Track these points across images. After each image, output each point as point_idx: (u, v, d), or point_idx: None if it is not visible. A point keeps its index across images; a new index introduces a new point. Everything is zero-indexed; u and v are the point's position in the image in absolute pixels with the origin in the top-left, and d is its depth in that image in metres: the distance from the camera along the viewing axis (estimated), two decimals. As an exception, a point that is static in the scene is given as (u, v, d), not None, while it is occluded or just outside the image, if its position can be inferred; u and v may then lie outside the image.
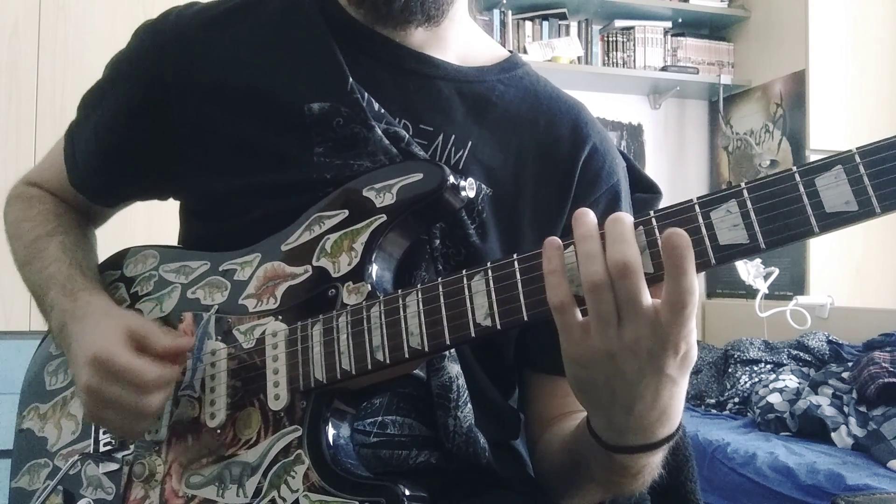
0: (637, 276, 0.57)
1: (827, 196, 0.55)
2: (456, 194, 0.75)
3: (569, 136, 0.89)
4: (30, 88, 2.52)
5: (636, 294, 0.57)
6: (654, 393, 0.62)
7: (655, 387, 0.61)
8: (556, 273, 0.60)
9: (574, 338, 0.61)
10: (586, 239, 0.60)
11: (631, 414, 0.63)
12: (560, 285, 0.60)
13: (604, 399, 0.64)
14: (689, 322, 0.58)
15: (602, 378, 0.62)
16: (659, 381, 0.61)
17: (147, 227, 1.21)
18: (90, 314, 0.81)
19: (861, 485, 1.94)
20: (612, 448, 0.67)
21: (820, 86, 3.40)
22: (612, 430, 0.66)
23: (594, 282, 0.58)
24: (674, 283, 0.56)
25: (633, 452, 0.67)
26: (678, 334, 0.58)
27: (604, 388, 0.62)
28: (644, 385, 0.61)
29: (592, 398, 0.65)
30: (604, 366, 0.60)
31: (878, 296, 3.36)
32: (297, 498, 0.71)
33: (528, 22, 3.63)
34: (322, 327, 0.73)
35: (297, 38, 0.85)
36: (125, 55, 0.92)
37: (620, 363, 0.60)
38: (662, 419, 0.64)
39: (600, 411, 0.66)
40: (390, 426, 0.80)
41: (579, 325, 0.60)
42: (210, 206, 0.88)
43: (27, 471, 0.90)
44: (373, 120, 0.81)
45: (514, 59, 0.94)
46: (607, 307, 0.58)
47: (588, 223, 0.60)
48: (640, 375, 0.60)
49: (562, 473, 0.82)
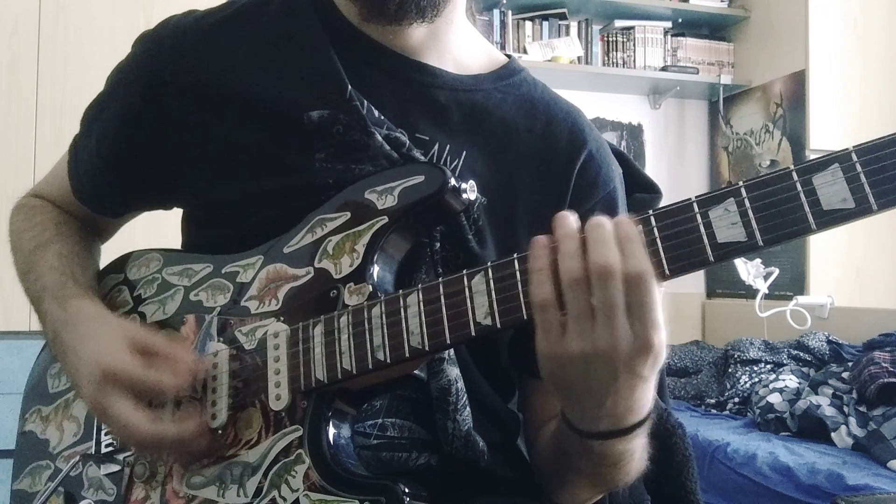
0: (616, 280, 0.59)
1: (824, 194, 0.56)
2: (457, 196, 0.76)
3: (565, 143, 0.89)
4: (30, 88, 2.52)
5: (613, 299, 0.59)
6: (627, 391, 0.64)
7: (628, 386, 0.64)
8: (543, 271, 0.62)
9: (552, 337, 0.63)
10: (567, 238, 0.62)
11: (602, 407, 0.65)
12: (544, 283, 0.62)
13: (577, 393, 0.66)
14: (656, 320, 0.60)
15: (576, 376, 0.64)
16: (631, 381, 0.63)
17: (147, 231, 1.21)
18: (81, 321, 0.81)
19: (861, 485, 1.94)
20: (585, 434, 0.70)
21: (820, 86, 3.41)
22: (583, 419, 0.69)
23: (574, 278, 0.60)
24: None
25: (605, 438, 0.69)
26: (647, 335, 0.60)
27: (576, 385, 0.65)
28: (617, 385, 0.63)
29: (565, 392, 0.68)
30: (578, 366, 0.63)
31: (878, 296, 3.37)
32: (297, 497, 0.71)
33: (528, 22, 3.63)
34: (323, 327, 0.74)
35: (295, 46, 0.85)
36: (125, 65, 0.92)
37: (595, 365, 0.62)
38: (632, 409, 0.67)
39: (573, 403, 0.69)
40: (390, 428, 0.81)
41: (558, 323, 0.62)
42: (212, 213, 0.88)
43: (29, 473, 0.90)
44: (373, 126, 0.81)
45: (511, 66, 0.94)
46: (584, 305, 0.60)
47: (568, 224, 0.63)
48: (614, 377, 0.62)
49: (552, 468, 0.83)
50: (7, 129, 2.50)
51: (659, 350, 0.61)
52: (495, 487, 0.84)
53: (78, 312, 0.83)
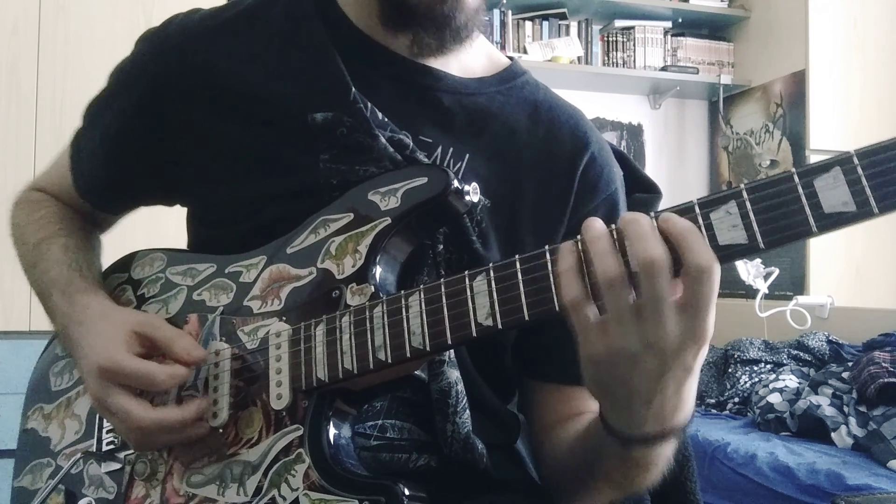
0: (664, 273, 0.57)
1: (825, 197, 0.56)
2: (460, 198, 0.76)
3: (567, 146, 0.90)
4: (30, 88, 2.52)
5: (662, 292, 0.57)
6: (674, 387, 0.62)
7: (675, 381, 0.61)
8: (569, 272, 0.60)
9: (591, 338, 0.61)
10: (599, 239, 0.60)
11: (650, 407, 0.63)
12: (572, 283, 0.60)
13: (621, 396, 0.64)
14: (712, 311, 0.59)
15: (621, 377, 0.62)
16: (679, 374, 0.61)
17: (147, 230, 1.22)
18: (89, 318, 0.82)
19: (861, 485, 1.94)
20: (628, 441, 0.67)
21: (820, 86, 3.41)
22: (628, 424, 0.66)
23: (611, 277, 0.58)
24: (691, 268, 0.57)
25: (649, 443, 0.67)
26: (703, 326, 0.59)
27: (623, 386, 0.62)
28: (665, 381, 0.61)
29: (611, 397, 0.66)
30: (624, 365, 0.60)
31: (878, 296, 3.37)
32: (297, 496, 0.71)
33: (528, 22, 3.64)
34: (325, 327, 0.74)
35: (299, 48, 0.85)
36: (128, 63, 0.92)
37: (643, 361, 0.60)
38: (679, 407, 0.65)
39: (618, 406, 0.66)
40: (390, 430, 0.81)
41: (596, 324, 0.60)
42: (216, 213, 0.88)
43: (30, 470, 0.90)
44: (377, 129, 0.82)
45: (514, 69, 0.94)
46: (624, 304, 0.58)
47: (597, 226, 0.60)
48: (662, 372, 0.60)
49: (572, 476, 0.81)
50: (7, 129, 2.50)
51: (708, 339, 0.60)
52: (494, 489, 0.84)
53: (84, 309, 0.84)
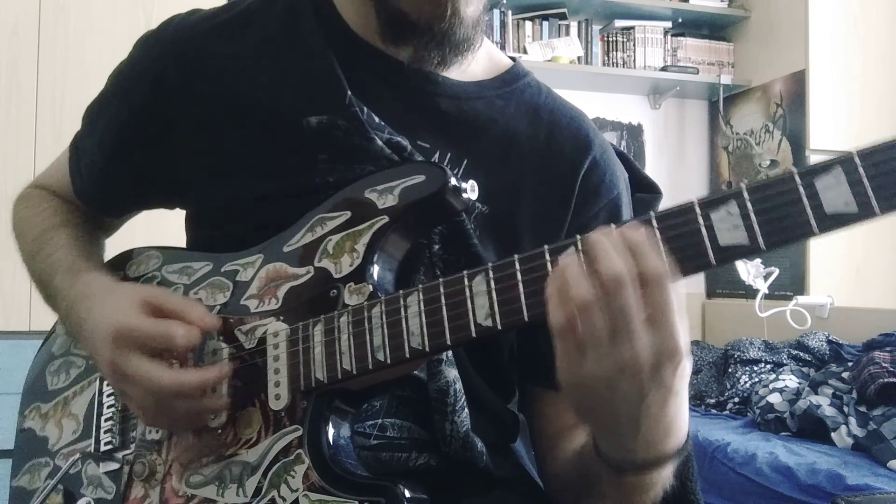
0: (627, 288, 0.56)
1: (827, 197, 0.55)
2: (458, 196, 0.75)
3: (569, 149, 0.89)
4: (30, 88, 2.52)
5: (628, 308, 0.56)
6: (659, 409, 0.61)
7: (658, 403, 0.60)
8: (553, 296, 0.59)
9: (571, 361, 0.59)
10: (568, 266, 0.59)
11: (638, 432, 0.62)
12: (556, 308, 0.59)
13: (608, 422, 0.63)
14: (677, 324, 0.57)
15: (602, 402, 0.61)
16: (661, 396, 0.60)
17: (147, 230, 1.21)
18: (95, 292, 0.82)
19: (861, 485, 1.94)
20: (621, 469, 0.67)
21: (820, 86, 3.41)
22: (620, 451, 0.65)
23: (583, 302, 0.57)
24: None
25: (643, 471, 0.66)
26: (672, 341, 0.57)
27: (607, 412, 0.61)
28: (647, 403, 0.60)
29: (598, 422, 0.65)
30: (603, 391, 0.59)
31: (878, 296, 3.37)
32: (296, 497, 0.71)
33: (528, 22, 3.63)
34: (323, 327, 0.74)
35: (296, 51, 0.85)
36: (127, 65, 0.92)
37: (620, 385, 0.59)
38: (670, 432, 0.64)
39: (606, 434, 0.66)
40: (390, 429, 0.81)
41: (575, 348, 0.59)
42: (214, 215, 0.88)
43: (28, 470, 0.90)
44: (373, 132, 0.81)
45: (515, 71, 0.93)
46: (597, 326, 0.57)
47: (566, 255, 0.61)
48: (642, 395, 0.59)
49: (574, 491, 0.81)
50: (7, 129, 2.50)
51: (683, 355, 0.58)
52: (494, 488, 0.84)
53: (90, 283, 0.83)
